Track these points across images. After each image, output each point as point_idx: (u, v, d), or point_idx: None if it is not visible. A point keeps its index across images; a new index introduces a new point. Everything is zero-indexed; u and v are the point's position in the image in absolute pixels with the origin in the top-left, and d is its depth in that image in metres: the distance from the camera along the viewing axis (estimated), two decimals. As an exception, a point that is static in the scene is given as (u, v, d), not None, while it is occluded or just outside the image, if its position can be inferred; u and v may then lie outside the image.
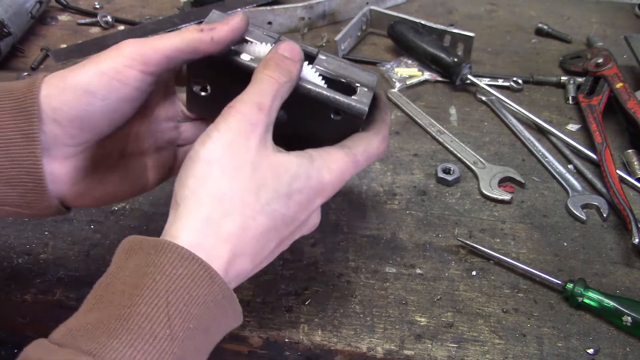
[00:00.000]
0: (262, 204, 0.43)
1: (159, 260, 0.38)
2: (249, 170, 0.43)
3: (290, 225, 0.45)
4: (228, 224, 0.41)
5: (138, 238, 0.41)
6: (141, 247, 0.40)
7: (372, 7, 0.99)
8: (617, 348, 0.55)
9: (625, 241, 0.65)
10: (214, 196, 0.41)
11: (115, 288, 0.38)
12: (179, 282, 0.38)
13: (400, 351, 0.55)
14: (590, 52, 0.90)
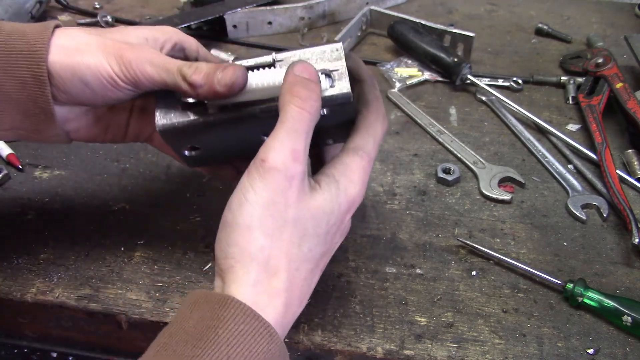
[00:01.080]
0: (304, 252, 0.45)
1: (223, 314, 0.40)
2: (290, 227, 0.44)
3: (329, 254, 0.48)
4: (276, 282, 0.43)
5: (204, 292, 0.42)
6: (206, 301, 0.41)
7: (372, 7, 0.99)
8: (617, 348, 0.55)
9: (625, 241, 0.65)
10: (259, 261, 0.43)
11: (179, 338, 0.39)
12: (240, 337, 0.39)
13: (400, 351, 0.55)
14: (590, 52, 0.90)
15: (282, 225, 0.43)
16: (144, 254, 0.64)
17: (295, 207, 0.43)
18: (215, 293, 0.42)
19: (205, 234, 0.66)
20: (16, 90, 0.49)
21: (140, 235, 0.66)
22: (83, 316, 0.60)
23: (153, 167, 0.74)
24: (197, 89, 0.47)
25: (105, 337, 0.63)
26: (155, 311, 0.58)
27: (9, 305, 0.61)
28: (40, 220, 0.67)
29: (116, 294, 0.60)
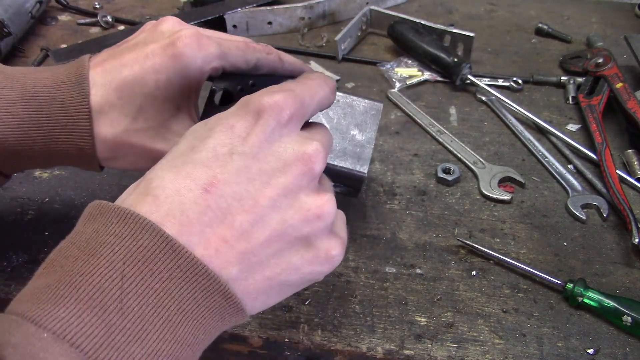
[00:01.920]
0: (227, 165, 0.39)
1: (120, 229, 0.36)
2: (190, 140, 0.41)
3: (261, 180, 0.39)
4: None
5: (100, 203, 0.38)
6: (101, 213, 0.37)
7: (372, 7, 0.99)
8: (617, 348, 0.55)
9: (625, 241, 0.65)
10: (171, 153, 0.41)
11: (68, 252, 0.36)
12: (137, 254, 0.35)
13: (400, 351, 0.55)
14: (590, 52, 0.90)
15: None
16: (144, 254, 0.64)
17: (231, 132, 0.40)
18: (112, 205, 0.38)
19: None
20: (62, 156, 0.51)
21: (140, 235, 0.66)
22: (83, 316, 0.60)
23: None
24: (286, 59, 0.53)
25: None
26: (155, 311, 0.58)
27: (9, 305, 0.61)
28: (40, 220, 0.67)
29: (116, 294, 0.60)
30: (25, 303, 0.33)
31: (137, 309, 0.34)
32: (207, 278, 0.36)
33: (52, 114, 0.49)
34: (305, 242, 0.41)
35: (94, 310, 0.33)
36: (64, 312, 0.32)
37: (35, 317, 0.32)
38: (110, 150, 0.51)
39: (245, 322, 0.57)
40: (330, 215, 0.41)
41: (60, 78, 0.49)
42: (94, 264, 0.35)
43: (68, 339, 0.32)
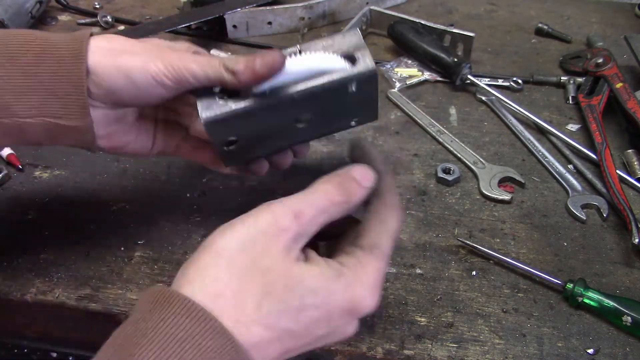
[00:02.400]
0: (262, 314, 0.39)
1: (191, 327, 0.36)
2: (258, 274, 0.39)
3: (300, 339, 0.41)
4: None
5: (165, 289, 0.39)
6: (168, 300, 0.38)
7: (372, 7, 0.99)
8: (617, 348, 0.55)
9: (625, 241, 0.65)
10: (208, 293, 0.38)
11: (135, 340, 0.36)
12: (207, 354, 0.36)
13: (400, 351, 0.55)
14: (590, 52, 0.90)
15: (250, 268, 0.39)
16: (144, 254, 0.64)
17: (273, 259, 0.40)
18: (177, 293, 0.38)
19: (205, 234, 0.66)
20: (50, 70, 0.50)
21: (140, 235, 0.66)
22: (83, 316, 0.60)
23: (153, 167, 0.74)
24: (239, 76, 0.49)
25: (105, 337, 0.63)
26: (155, 311, 0.58)
27: (9, 305, 0.61)
28: (40, 220, 0.68)
29: (116, 294, 0.60)
30: None
31: None
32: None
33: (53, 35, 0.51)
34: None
35: None
36: None
37: None
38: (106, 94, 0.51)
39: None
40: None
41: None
42: (165, 358, 0.35)
43: None
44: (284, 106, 0.52)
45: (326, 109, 0.55)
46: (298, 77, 0.52)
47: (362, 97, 0.54)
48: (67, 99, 0.50)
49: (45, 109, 0.50)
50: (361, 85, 0.53)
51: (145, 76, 0.50)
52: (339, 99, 0.54)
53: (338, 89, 0.52)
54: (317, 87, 0.51)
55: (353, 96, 0.53)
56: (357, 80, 0.52)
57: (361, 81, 0.52)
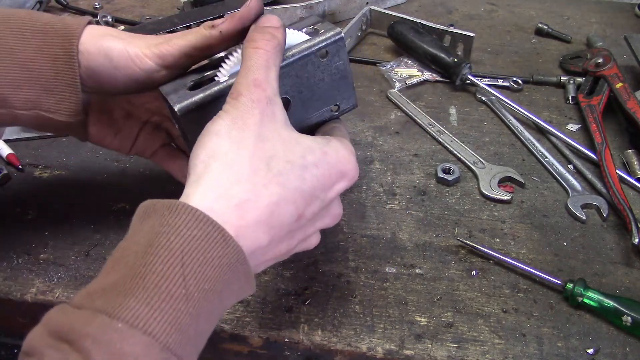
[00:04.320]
0: (273, 173, 0.42)
1: (173, 221, 0.38)
2: (256, 140, 0.43)
3: (309, 201, 0.44)
4: (237, 189, 0.41)
5: (152, 201, 0.41)
6: (155, 210, 0.40)
7: (372, 7, 0.99)
8: (617, 348, 0.55)
9: (625, 241, 0.65)
10: (223, 163, 0.42)
11: (130, 250, 0.38)
12: (193, 243, 0.38)
13: (400, 351, 0.55)
14: (590, 52, 0.90)
15: (247, 137, 0.43)
16: (144, 254, 0.64)
17: (260, 125, 0.43)
18: (164, 200, 0.40)
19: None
20: (46, 66, 0.51)
21: (140, 235, 0.66)
22: (83, 316, 0.60)
23: (153, 167, 0.74)
24: (217, 24, 0.51)
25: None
26: (155, 311, 0.58)
27: (9, 305, 0.61)
28: (40, 220, 0.68)
29: (116, 294, 0.60)
30: (96, 299, 0.36)
31: (197, 294, 0.37)
32: (245, 265, 0.41)
33: (51, 22, 0.52)
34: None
35: (161, 297, 0.35)
36: (134, 302, 0.35)
37: (109, 310, 0.34)
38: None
39: (246, 322, 0.57)
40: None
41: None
42: (155, 254, 0.37)
43: (140, 327, 0.34)
44: None
45: (302, 88, 0.54)
46: None
47: (335, 71, 0.55)
48: (61, 96, 0.52)
49: (40, 103, 0.52)
50: (331, 53, 0.53)
51: (124, 56, 0.51)
52: (313, 73, 0.54)
53: (310, 57, 0.53)
54: (289, 57, 0.51)
55: (326, 69, 0.54)
56: (325, 45, 0.53)
57: (330, 46, 0.53)
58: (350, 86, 0.57)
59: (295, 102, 0.54)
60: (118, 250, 0.39)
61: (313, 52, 0.53)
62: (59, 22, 0.52)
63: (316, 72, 0.54)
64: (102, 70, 0.52)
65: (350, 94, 0.58)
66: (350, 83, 0.57)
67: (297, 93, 0.54)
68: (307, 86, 0.54)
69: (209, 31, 0.51)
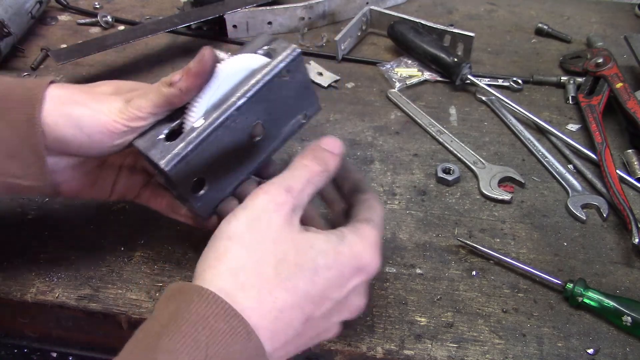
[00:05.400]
0: (281, 278, 0.42)
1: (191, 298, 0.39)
2: (269, 244, 0.43)
3: (319, 304, 0.44)
4: (242, 297, 0.41)
5: (181, 283, 0.42)
6: (181, 292, 0.40)
7: (372, 7, 0.99)
8: (617, 348, 0.55)
9: (625, 241, 0.65)
10: (230, 269, 0.42)
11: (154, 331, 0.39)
12: (219, 336, 0.38)
13: (400, 351, 0.55)
14: (590, 52, 0.90)
15: (260, 241, 0.43)
16: (144, 254, 0.64)
17: (278, 229, 0.44)
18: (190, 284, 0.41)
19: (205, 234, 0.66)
20: (9, 133, 0.50)
21: (140, 235, 0.66)
22: (83, 316, 0.60)
23: (153, 167, 0.74)
24: (179, 83, 0.50)
25: (105, 337, 0.63)
26: (155, 311, 0.58)
27: (9, 305, 0.61)
28: (40, 220, 0.67)
29: (116, 294, 0.60)
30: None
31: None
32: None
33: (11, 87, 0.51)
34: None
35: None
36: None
37: None
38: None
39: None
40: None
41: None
42: (179, 341, 0.37)
43: None
44: (234, 120, 0.52)
45: (272, 109, 0.55)
46: (231, 87, 0.53)
47: (298, 85, 0.56)
48: (26, 162, 0.51)
49: (5, 170, 0.51)
50: (292, 69, 0.54)
51: (95, 125, 0.50)
52: (279, 93, 0.55)
53: (273, 80, 0.53)
54: (254, 86, 0.52)
55: (290, 86, 0.55)
56: (287, 64, 0.53)
57: (290, 64, 0.54)
58: (312, 94, 0.59)
59: (268, 124, 0.55)
60: (141, 331, 0.40)
61: (277, 73, 0.53)
62: (19, 85, 0.51)
63: (282, 91, 0.55)
64: (73, 140, 0.51)
65: (313, 100, 0.60)
66: (312, 91, 0.59)
67: (268, 115, 0.55)
68: (277, 105, 0.56)
69: (168, 89, 0.50)
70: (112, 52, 0.96)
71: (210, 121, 0.51)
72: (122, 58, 0.96)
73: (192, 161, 0.51)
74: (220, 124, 0.51)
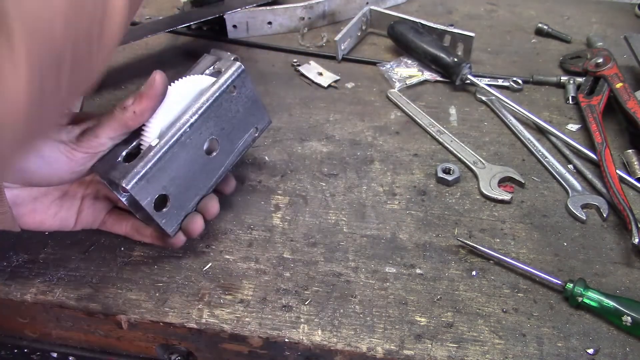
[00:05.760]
0: None
1: None
2: None
3: None
4: None
5: None
6: None
7: (372, 7, 0.99)
8: (617, 348, 0.55)
9: (625, 241, 0.65)
10: None
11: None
12: None
13: (400, 351, 0.55)
14: (590, 52, 0.90)
15: None
16: (144, 254, 0.64)
17: None
18: None
19: (205, 234, 0.66)
20: None
21: (140, 235, 0.66)
22: (83, 316, 0.60)
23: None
24: (132, 106, 0.53)
25: (105, 337, 0.63)
26: (155, 311, 0.58)
27: (9, 305, 0.61)
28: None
29: (116, 294, 0.60)
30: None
31: None
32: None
33: None
34: None
35: None
36: None
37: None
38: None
39: (246, 322, 0.57)
40: None
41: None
42: None
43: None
44: (188, 136, 0.56)
45: (224, 125, 0.59)
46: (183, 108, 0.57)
47: (246, 100, 0.60)
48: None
49: None
50: (238, 86, 0.59)
51: (55, 154, 0.51)
52: (228, 108, 0.59)
53: (222, 96, 0.57)
54: (205, 103, 0.56)
55: (238, 101, 0.59)
56: (232, 81, 0.58)
57: (235, 81, 0.58)
58: (261, 108, 0.63)
59: (222, 139, 0.59)
60: None
61: (223, 90, 0.57)
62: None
63: (231, 106, 0.59)
64: (34, 170, 0.51)
65: (263, 114, 0.64)
66: (261, 105, 0.63)
67: (221, 130, 0.59)
68: (227, 121, 0.59)
69: (123, 113, 0.53)
70: (112, 52, 0.96)
71: (166, 139, 0.54)
72: (122, 58, 0.96)
73: (152, 178, 0.54)
74: (176, 141, 0.55)
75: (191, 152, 0.57)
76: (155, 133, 0.55)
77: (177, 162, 0.56)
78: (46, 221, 0.58)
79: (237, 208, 0.69)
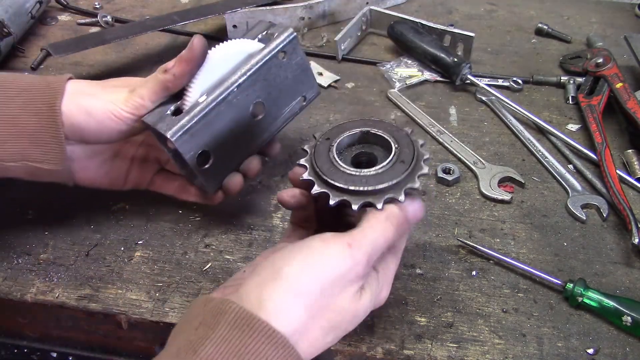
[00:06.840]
0: (326, 341, 0.44)
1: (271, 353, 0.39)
2: (332, 314, 0.43)
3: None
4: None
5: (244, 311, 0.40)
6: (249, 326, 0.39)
7: (372, 7, 0.99)
8: (617, 348, 0.55)
9: (625, 241, 0.65)
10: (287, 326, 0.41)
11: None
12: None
13: (400, 351, 0.55)
14: (590, 52, 0.90)
15: (324, 309, 0.43)
16: (144, 254, 0.64)
17: (347, 302, 0.44)
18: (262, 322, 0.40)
19: (206, 234, 0.66)
20: (31, 121, 0.55)
21: (140, 235, 0.66)
22: (83, 316, 0.60)
23: (153, 167, 0.74)
24: (173, 69, 0.55)
25: (105, 337, 0.63)
26: (155, 311, 0.58)
27: (9, 305, 0.61)
28: (40, 220, 0.68)
29: (116, 294, 0.60)
30: None
31: None
32: None
33: (35, 81, 0.57)
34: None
35: None
36: None
37: None
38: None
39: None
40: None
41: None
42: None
43: None
44: (235, 96, 0.57)
45: (271, 90, 0.60)
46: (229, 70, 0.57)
47: (295, 67, 0.60)
48: (46, 147, 0.56)
49: (27, 155, 0.56)
50: (289, 52, 0.59)
51: (104, 113, 0.56)
52: (277, 74, 0.59)
53: (272, 60, 0.58)
54: (254, 65, 0.57)
55: (287, 67, 0.60)
56: (283, 46, 0.58)
57: (286, 46, 0.58)
58: (311, 77, 0.63)
59: (268, 103, 0.60)
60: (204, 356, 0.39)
61: (274, 54, 0.58)
62: (42, 81, 0.57)
63: (280, 72, 0.59)
64: (85, 127, 0.56)
65: (313, 83, 0.64)
66: (311, 74, 0.63)
67: (268, 95, 0.60)
68: (275, 86, 0.60)
69: (163, 76, 0.56)
70: (112, 52, 0.96)
71: (213, 97, 0.56)
72: (122, 58, 0.96)
73: (196, 133, 0.56)
74: (223, 99, 0.56)
75: (236, 113, 0.58)
76: (196, 93, 0.57)
77: (222, 121, 0.57)
78: (98, 179, 0.62)
79: (237, 208, 0.69)
